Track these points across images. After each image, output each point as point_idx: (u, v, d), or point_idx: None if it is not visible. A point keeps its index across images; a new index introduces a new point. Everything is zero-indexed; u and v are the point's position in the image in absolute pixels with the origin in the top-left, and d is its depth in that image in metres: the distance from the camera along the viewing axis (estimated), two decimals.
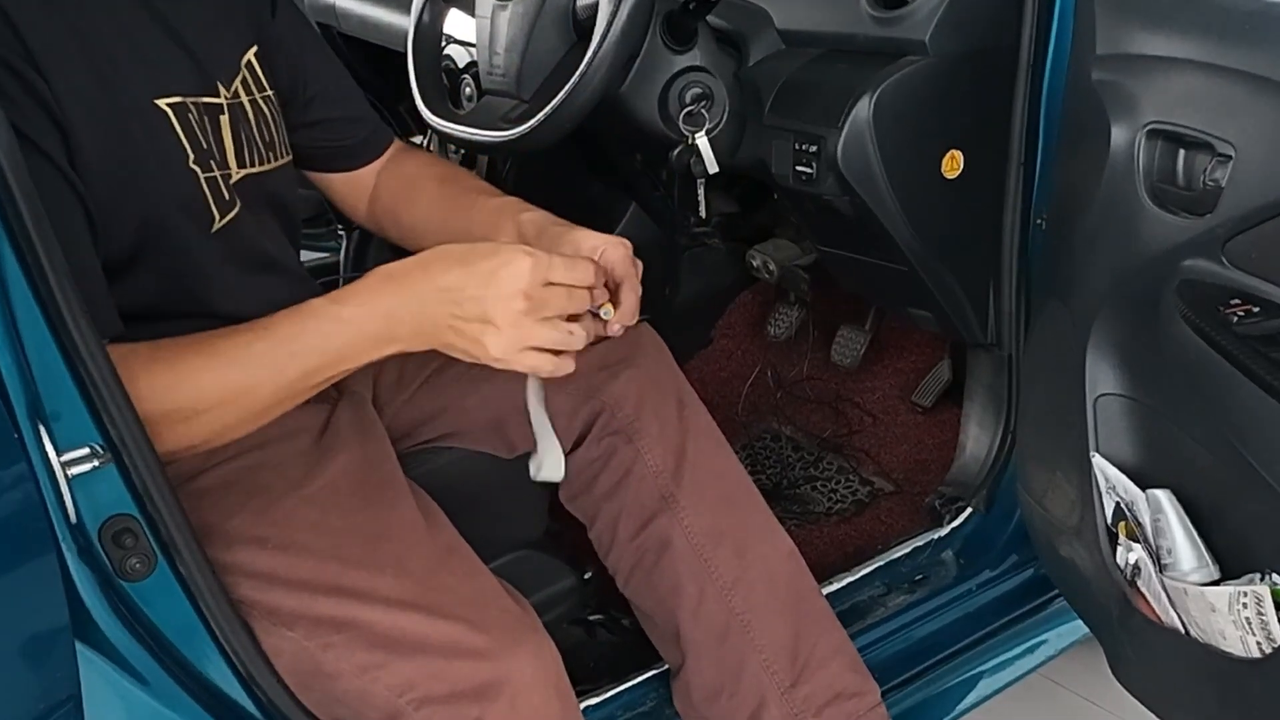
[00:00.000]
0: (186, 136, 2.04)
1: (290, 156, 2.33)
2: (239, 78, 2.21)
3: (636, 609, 2.51)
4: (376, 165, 2.59)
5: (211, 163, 2.08)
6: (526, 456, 2.46)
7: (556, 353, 1.93)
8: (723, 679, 2.42)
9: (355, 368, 1.99)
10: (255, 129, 2.21)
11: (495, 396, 2.38)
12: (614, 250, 2.09)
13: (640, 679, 2.59)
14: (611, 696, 2.55)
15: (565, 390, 2.38)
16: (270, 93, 2.28)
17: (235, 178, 2.15)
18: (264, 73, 2.27)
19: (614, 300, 2.07)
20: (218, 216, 2.09)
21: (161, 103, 2.02)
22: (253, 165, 2.19)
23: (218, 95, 2.14)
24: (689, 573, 2.40)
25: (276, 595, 2.01)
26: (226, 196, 2.11)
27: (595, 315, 2.04)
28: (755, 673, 2.40)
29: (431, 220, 2.50)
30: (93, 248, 1.90)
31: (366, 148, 2.58)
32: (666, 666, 2.55)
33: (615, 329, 2.07)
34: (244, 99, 2.20)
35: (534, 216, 2.31)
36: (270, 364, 1.92)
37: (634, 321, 2.12)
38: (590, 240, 2.13)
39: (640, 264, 2.13)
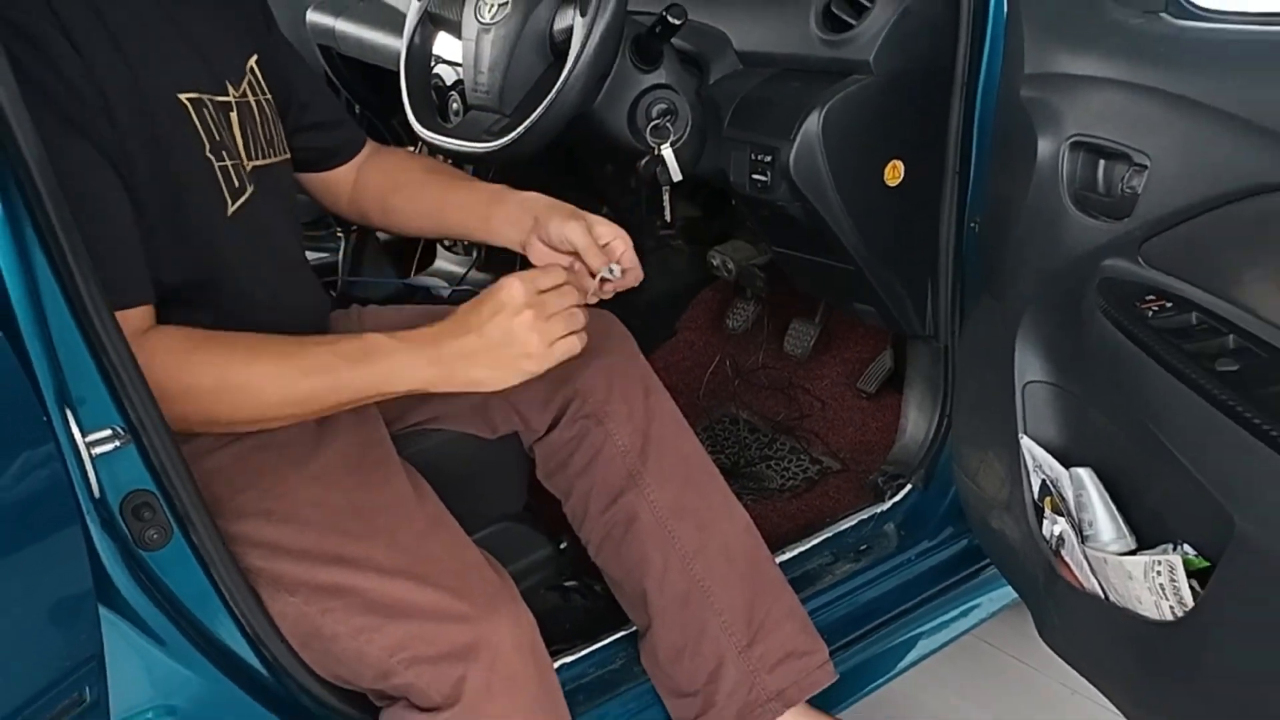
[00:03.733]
0: (203, 128, 2.06)
1: (288, 155, 2.35)
2: (245, 80, 2.22)
3: (607, 576, 2.53)
4: (355, 163, 2.62)
5: (224, 153, 2.10)
6: (506, 438, 2.48)
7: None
8: (685, 640, 2.43)
9: (391, 394, 2.06)
10: (259, 126, 2.23)
11: None
12: (619, 242, 2.31)
13: (610, 640, 2.59)
14: (584, 656, 2.55)
15: (541, 378, 2.38)
16: (270, 96, 2.30)
17: (246, 168, 2.16)
18: (263, 78, 2.29)
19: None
20: (231, 202, 2.11)
21: (182, 97, 2.03)
22: (260, 158, 2.21)
23: (228, 94, 2.15)
24: (654, 544, 2.42)
25: (280, 564, 2.03)
26: (237, 184, 2.12)
27: (604, 280, 2.27)
28: (715, 634, 2.42)
29: (423, 204, 2.56)
30: (133, 224, 1.92)
31: (347, 148, 2.61)
32: (634, 629, 2.56)
33: (625, 283, 2.33)
34: (250, 99, 2.22)
35: (534, 195, 2.42)
36: (314, 362, 2.00)
37: (638, 282, 2.35)
38: (601, 227, 2.32)
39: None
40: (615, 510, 2.45)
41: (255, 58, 2.29)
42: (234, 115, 2.15)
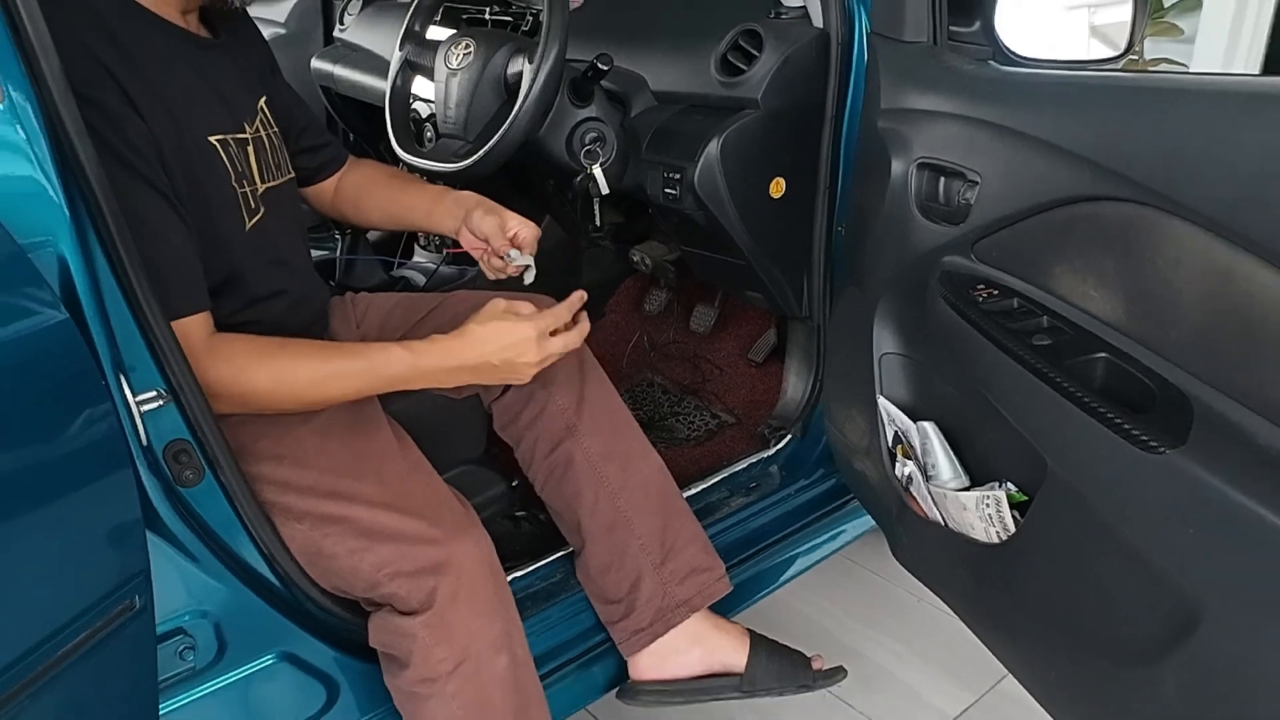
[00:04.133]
0: (229, 162, 2.07)
1: (293, 174, 2.34)
2: (257, 118, 2.21)
3: (549, 508, 2.53)
4: (338, 175, 2.63)
5: (244, 180, 2.11)
6: (470, 398, 2.49)
7: None
8: (611, 558, 2.44)
9: (406, 388, 2.10)
10: (270, 155, 2.22)
11: None
12: (525, 230, 2.37)
13: (552, 559, 2.58)
14: (531, 571, 2.55)
15: None
16: (276, 129, 2.29)
17: (260, 190, 2.16)
18: (271, 115, 2.28)
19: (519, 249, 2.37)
20: (248, 220, 2.11)
21: (212, 139, 2.04)
22: (270, 180, 2.21)
23: (244, 132, 2.14)
24: (587, 482, 2.44)
25: (290, 498, 2.05)
26: (254, 206, 2.13)
27: (504, 258, 2.36)
28: (634, 554, 2.43)
29: (383, 203, 2.60)
30: (190, 247, 1.94)
31: (333, 164, 2.62)
32: (571, 550, 2.55)
33: (522, 264, 2.35)
34: (262, 134, 2.21)
35: (467, 194, 2.48)
36: (348, 371, 2.04)
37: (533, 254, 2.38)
38: (511, 220, 2.38)
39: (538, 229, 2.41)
40: (556, 455, 2.46)
41: (264, 99, 2.29)
42: (250, 148, 2.15)
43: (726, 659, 2.51)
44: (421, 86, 2.90)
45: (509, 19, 3.11)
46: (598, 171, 2.71)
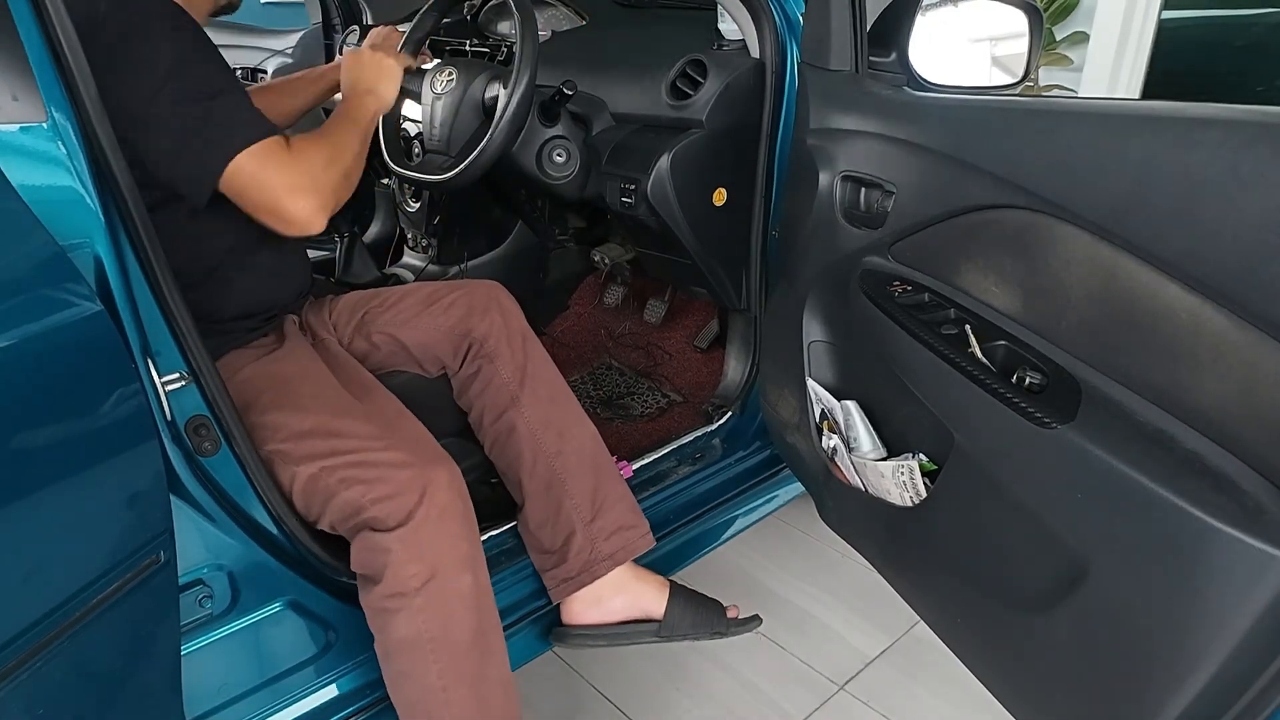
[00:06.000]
0: None
1: None
2: None
3: (496, 467, 2.54)
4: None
5: None
6: (442, 376, 2.53)
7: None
8: (547, 515, 2.46)
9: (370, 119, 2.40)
10: None
11: (422, 337, 2.48)
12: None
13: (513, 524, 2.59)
14: (505, 530, 2.54)
15: (453, 333, 2.47)
16: None
17: None
18: None
19: None
20: None
21: None
22: None
23: None
24: (527, 447, 2.44)
25: (290, 444, 2.06)
26: None
27: None
28: (567, 512, 2.44)
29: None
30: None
31: None
32: None
33: None
34: None
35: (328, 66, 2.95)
36: (345, 133, 2.25)
37: None
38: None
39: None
40: (501, 422, 2.46)
41: None
42: None
43: (647, 606, 2.51)
44: (410, 109, 2.89)
45: (486, 50, 3.10)
46: (563, 183, 2.72)
